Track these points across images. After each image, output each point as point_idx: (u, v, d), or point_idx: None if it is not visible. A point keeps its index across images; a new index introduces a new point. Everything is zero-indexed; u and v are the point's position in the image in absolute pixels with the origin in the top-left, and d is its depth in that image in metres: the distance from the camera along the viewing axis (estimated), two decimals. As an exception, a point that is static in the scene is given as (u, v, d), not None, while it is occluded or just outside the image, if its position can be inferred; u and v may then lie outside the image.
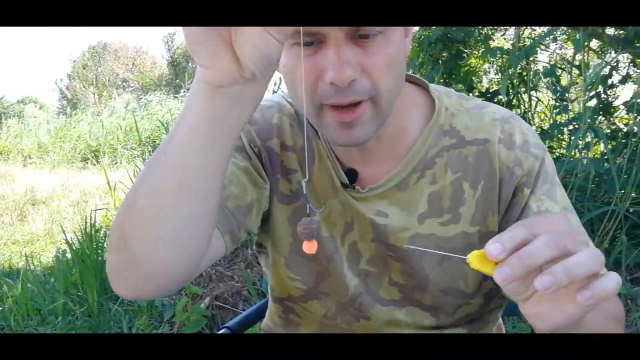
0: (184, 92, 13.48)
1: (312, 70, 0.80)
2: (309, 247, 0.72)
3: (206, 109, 0.67)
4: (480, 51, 4.10)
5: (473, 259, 0.60)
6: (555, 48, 5.05)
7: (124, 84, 20.73)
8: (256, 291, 2.68)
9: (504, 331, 1.16)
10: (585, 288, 0.56)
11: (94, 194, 6.72)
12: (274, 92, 3.64)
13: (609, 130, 3.46)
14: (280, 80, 3.82)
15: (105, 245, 3.40)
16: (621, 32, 3.63)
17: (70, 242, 3.42)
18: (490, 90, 3.97)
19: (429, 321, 1.00)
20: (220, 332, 1.23)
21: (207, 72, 0.65)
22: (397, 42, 0.83)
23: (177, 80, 19.55)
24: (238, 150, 0.97)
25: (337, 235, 0.99)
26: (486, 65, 5.29)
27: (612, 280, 0.57)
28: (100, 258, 3.22)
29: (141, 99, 12.98)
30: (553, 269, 0.55)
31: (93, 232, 3.35)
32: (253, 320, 1.32)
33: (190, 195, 0.71)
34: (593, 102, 3.44)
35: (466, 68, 4.36)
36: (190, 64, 20.59)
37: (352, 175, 0.97)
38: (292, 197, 1.00)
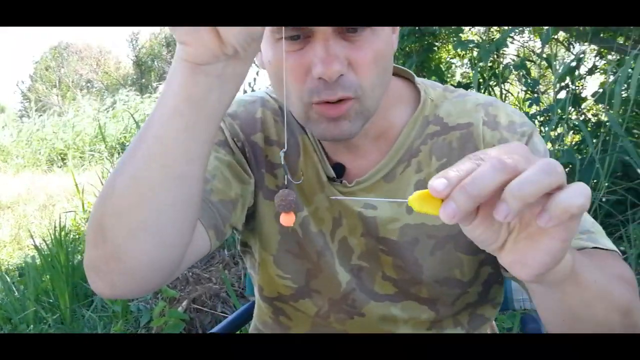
0: (152, 91, 13.34)
1: (300, 65, 0.79)
2: (287, 219, 0.69)
3: (187, 89, 0.64)
4: (451, 45, 4.11)
5: (415, 200, 0.53)
6: (523, 41, 5.11)
7: (88, 84, 20.40)
8: (235, 292, 2.63)
9: (496, 329, 1.14)
10: (542, 209, 0.49)
11: (60, 197, 6.59)
12: (245, 91, 3.60)
13: (576, 123, 3.49)
14: (255, 81, 3.78)
15: (74, 249, 3.33)
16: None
17: (39, 247, 3.34)
18: (462, 84, 3.98)
19: (426, 315, 0.98)
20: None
21: (187, 49, 0.62)
22: (385, 37, 0.82)
23: (143, 80, 19.35)
24: (221, 145, 0.94)
25: (326, 231, 0.97)
26: (454, 60, 5.32)
27: (574, 193, 0.49)
28: (71, 263, 3.14)
29: (106, 99, 12.77)
30: (503, 193, 0.49)
31: (62, 236, 3.27)
32: (239, 324, 1.29)
33: (171, 181, 0.67)
34: (562, 94, 3.48)
35: (436, 62, 4.37)
36: (156, 63, 20.38)
37: (340, 169, 0.95)
38: (277, 192, 0.97)
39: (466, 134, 0.91)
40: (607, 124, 2.80)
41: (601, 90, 3.34)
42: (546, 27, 3.27)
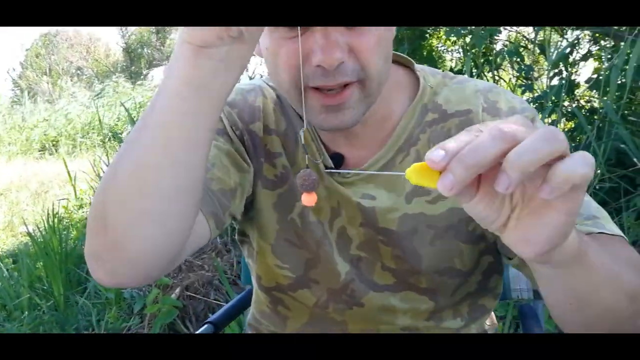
0: (142, 78, 13.25)
1: (298, 51, 0.77)
2: (309, 199, 0.68)
3: (190, 73, 0.63)
4: (443, 32, 4.09)
5: (412, 173, 0.51)
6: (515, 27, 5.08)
7: (79, 72, 20.25)
8: (227, 280, 2.63)
9: (495, 321, 1.14)
10: (543, 180, 0.48)
11: (53, 184, 6.56)
12: (250, 78, 3.58)
13: (570, 109, 3.49)
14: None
15: (67, 236, 3.32)
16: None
17: (32, 234, 3.32)
18: (454, 71, 3.97)
19: (426, 305, 0.97)
20: (203, 327, 1.19)
21: (190, 31, 0.61)
22: None
23: (133, 67, 19.24)
24: (219, 133, 0.93)
25: (324, 220, 0.96)
26: (444, 46, 5.31)
27: (577, 162, 0.47)
28: (64, 249, 3.13)
29: (96, 86, 12.67)
30: (503, 163, 0.47)
31: (55, 223, 3.25)
32: (236, 312, 1.29)
33: (174, 168, 0.66)
34: (556, 81, 3.47)
35: (427, 49, 4.35)
36: (145, 50, 20.26)
37: (338, 159, 0.94)
38: (276, 182, 0.97)
39: (465, 120, 0.90)
40: (602, 110, 2.80)
41: (595, 76, 3.34)
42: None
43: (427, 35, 4.22)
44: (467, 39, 3.86)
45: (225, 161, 0.90)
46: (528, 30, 5.05)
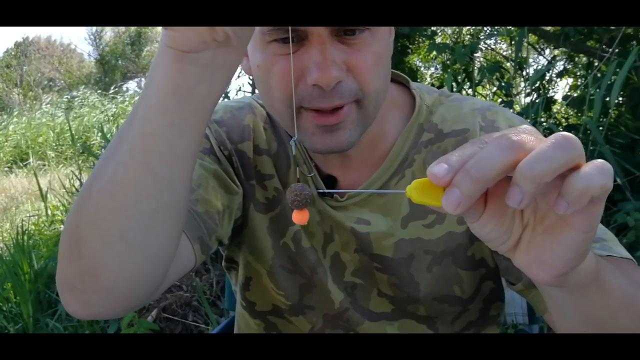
0: (116, 90, 13.12)
1: (292, 69, 0.72)
2: (300, 217, 0.61)
3: (172, 80, 0.57)
4: (425, 47, 4.09)
5: (413, 190, 0.47)
6: (490, 43, 5.11)
7: (51, 83, 19.99)
8: (207, 300, 2.55)
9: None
10: (558, 194, 0.43)
11: (22, 199, 6.40)
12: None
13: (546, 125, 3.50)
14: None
15: (37, 255, 3.22)
16: (557, 27, 3.68)
17: (0, 253, 3.21)
18: (435, 87, 3.96)
19: None
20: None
21: (172, 35, 0.55)
22: (384, 38, 0.77)
23: (107, 79, 19.07)
24: (206, 153, 0.87)
25: (317, 246, 0.91)
26: (422, 64, 5.32)
27: (594, 171, 0.42)
28: (34, 270, 3.02)
29: (68, 99, 12.50)
30: (514, 174, 0.42)
31: (25, 240, 3.15)
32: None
33: (155, 185, 0.59)
34: (532, 98, 3.48)
35: (409, 65, 4.35)
36: (120, 62, 20.12)
37: (331, 182, 0.89)
38: (268, 205, 0.91)
39: (462, 140, 0.85)
40: (584, 127, 2.79)
41: (571, 93, 3.36)
42: (518, 30, 3.26)
43: (409, 50, 4.22)
44: (448, 54, 3.86)
45: (212, 182, 0.84)
46: (503, 47, 5.09)
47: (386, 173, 0.87)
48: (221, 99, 0.66)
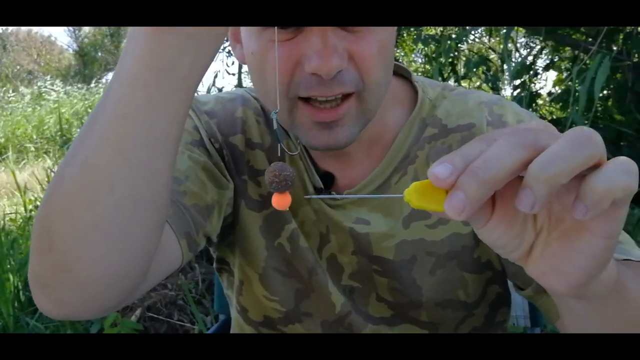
0: (95, 83, 12.96)
1: (289, 57, 0.68)
2: (281, 201, 0.54)
3: (150, 51, 0.51)
4: (411, 39, 4.06)
5: (413, 194, 0.42)
6: (476, 37, 5.10)
7: (29, 76, 19.71)
8: (193, 299, 2.50)
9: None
10: (576, 196, 0.38)
11: (1, 194, 6.28)
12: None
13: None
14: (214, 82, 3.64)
15: (17, 251, 3.15)
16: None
17: (-21, 250, 3.14)
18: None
19: None
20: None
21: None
22: (389, 27, 0.72)
23: (86, 71, 18.85)
24: (195, 145, 0.82)
25: (313, 247, 0.86)
26: (408, 54, 5.30)
27: (616, 170, 0.38)
28: (14, 265, 2.95)
29: (46, 89, 12.33)
30: (526, 176, 0.38)
31: (3, 237, 3.07)
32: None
33: (129, 171, 0.53)
34: (517, 91, 3.48)
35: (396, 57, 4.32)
36: (100, 54, 19.91)
37: (329, 179, 0.85)
38: (262, 202, 0.87)
39: (468, 135, 0.82)
40: (566, 121, 2.79)
41: (556, 88, 3.35)
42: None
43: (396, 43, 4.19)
44: (432, 47, 3.84)
45: (201, 175, 0.79)
46: (491, 40, 5.08)
47: (387, 170, 0.83)
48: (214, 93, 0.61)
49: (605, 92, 3.39)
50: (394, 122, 0.85)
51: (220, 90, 3.33)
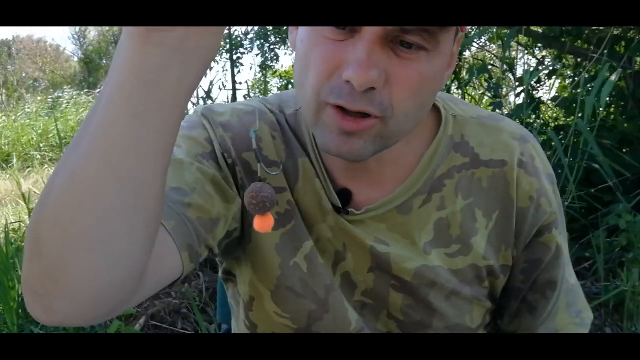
0: (100, 89, 13.00)
1: (333, 56, 0.68)
2: (262, 223, 0.54)
3: (136, 63, 0.50)
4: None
5: None
6: (480, 45, 5.10)
7: (35, 83, 19.78)
8: (197, 307, 2.51)
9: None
10: None
11: (6, 201, 6.29)
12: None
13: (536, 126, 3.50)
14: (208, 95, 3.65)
15: (21, 261, 3.16)
16: (545, 27, 3.68)
17: (-17, 260, 3.15)
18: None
19: None
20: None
21: None
22: (439, 67, 0.71)
23: (91, 79, 18.91)
24: (205, 157, 0.81)
25: (327, 263, 0.85)
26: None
27: None
28: (18, 275, 2.96)
29: (53, 99, 12.36)
30: None
31: (8, 246, 3.08)
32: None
33: (117, 184, 0.53)
34: (522, 98, 3.48)
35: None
36: (104, 61, 19.97)
37: (346, 196, 0.83)
38: (279, 220, 0.84)
39: (499, 173, 0.82)
40: (573, 129, 2.79)
41: (560, 94, 3.36)
42: (508, 31, 3.25)
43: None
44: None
45: (208, 188, 0.78)
46: (492, 48, 5.08)
47: (409, 191, 0.82)
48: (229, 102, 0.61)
49: (607, 99, 3.39)
50: (417, 141, 0.83)
51: (213, 101, 3.32)
